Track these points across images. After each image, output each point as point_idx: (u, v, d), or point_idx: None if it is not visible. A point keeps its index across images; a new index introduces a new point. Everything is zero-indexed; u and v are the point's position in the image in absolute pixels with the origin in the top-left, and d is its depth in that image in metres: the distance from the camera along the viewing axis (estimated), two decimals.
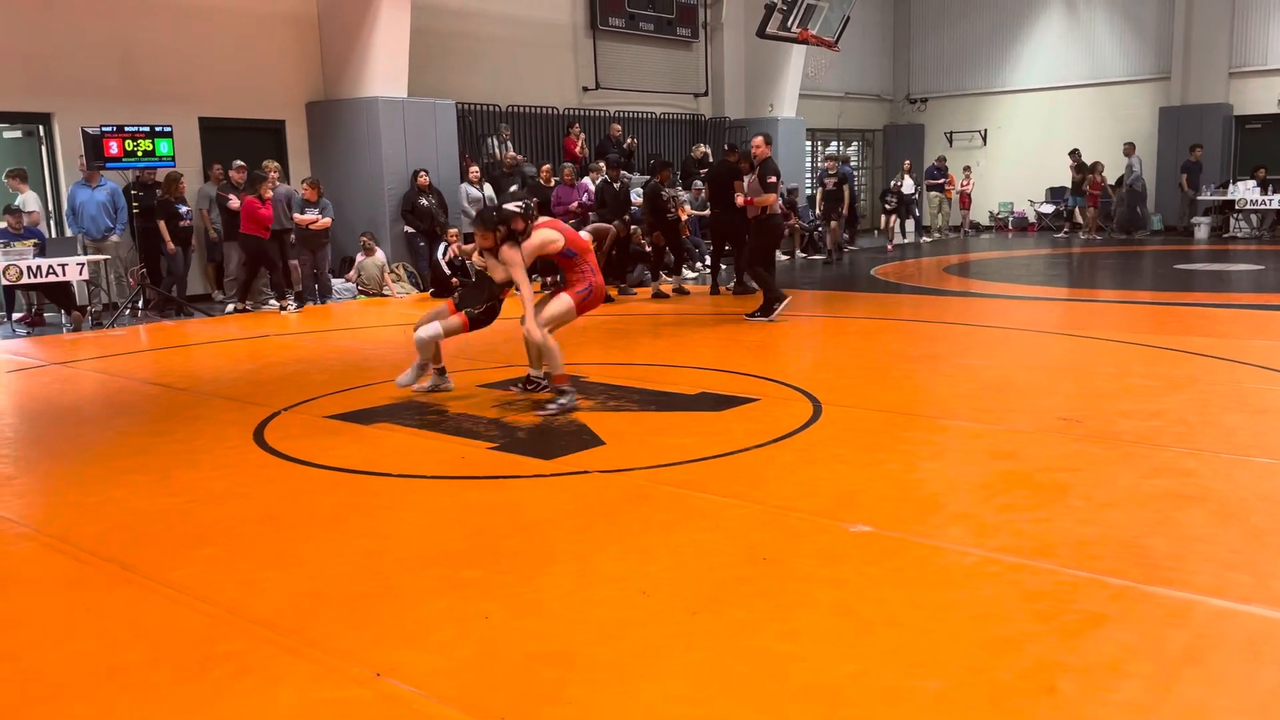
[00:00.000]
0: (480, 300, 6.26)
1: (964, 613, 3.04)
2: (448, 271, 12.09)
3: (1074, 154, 19.17)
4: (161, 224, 10.87)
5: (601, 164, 13.38)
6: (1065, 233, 19.65)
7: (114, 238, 11.07)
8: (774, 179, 9.47)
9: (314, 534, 3.96)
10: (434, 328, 6.21)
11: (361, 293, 12.60)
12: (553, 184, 13.09)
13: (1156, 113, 19.69)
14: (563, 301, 5.96)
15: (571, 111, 16.34)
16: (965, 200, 20.73)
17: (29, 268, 9.74)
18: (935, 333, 8.72)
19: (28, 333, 10.21)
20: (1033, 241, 18.94)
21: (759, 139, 9.86)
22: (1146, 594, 3.15)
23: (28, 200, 10.93)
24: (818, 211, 16.68)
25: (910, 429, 5.33)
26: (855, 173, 20.02)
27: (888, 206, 18.69)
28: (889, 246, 17.93)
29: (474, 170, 13.51)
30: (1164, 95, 19.71)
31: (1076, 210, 19.56)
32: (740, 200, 9.72)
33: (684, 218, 12.77)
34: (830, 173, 15.72)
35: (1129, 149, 18.61)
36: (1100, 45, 20.53)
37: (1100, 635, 2.87)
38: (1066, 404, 5.76)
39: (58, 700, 2.69)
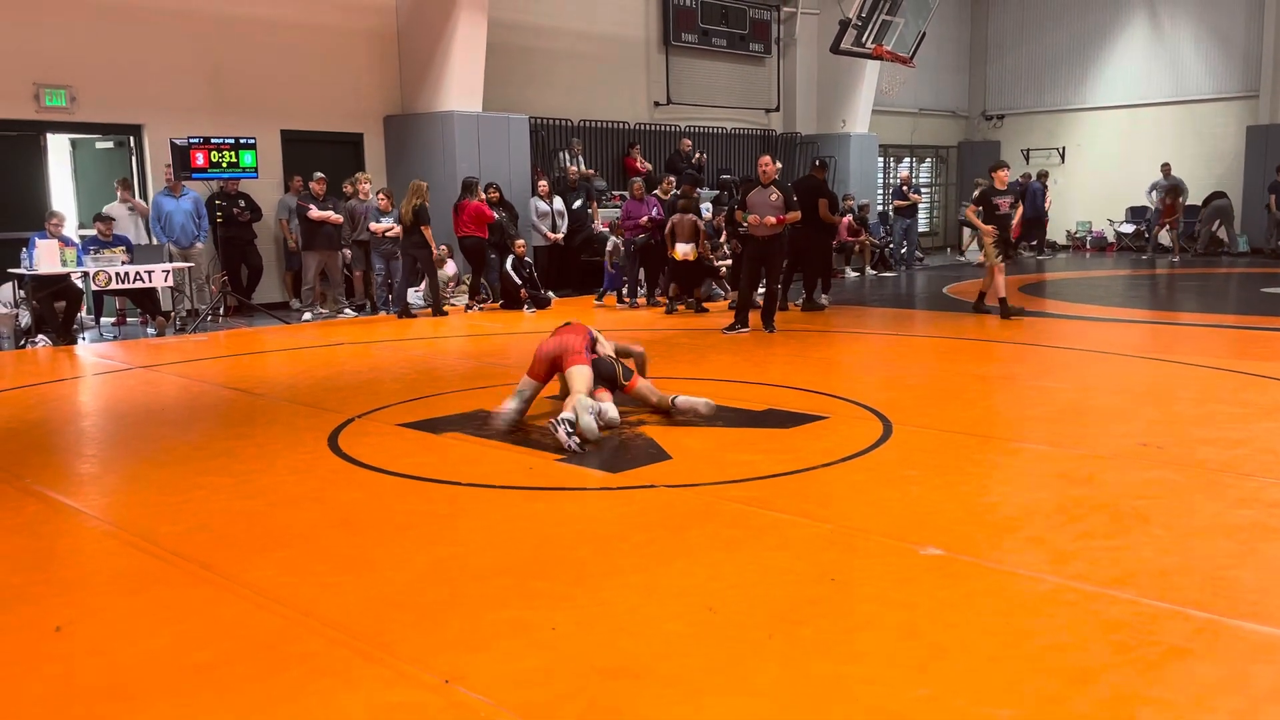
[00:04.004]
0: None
1: (1039, 640, 2.98)
2: (518, 281, 12.22)
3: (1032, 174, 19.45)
4: (426, 229, 11.43)
5: (671, 178, 13.36)
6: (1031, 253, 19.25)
7: (199, 245, 11.51)
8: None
9: (386, 540, 4.03)
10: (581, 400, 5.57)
11: None
12: (668, 198, 12.55)
13: (1244, 131, 19.12)
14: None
15: (642, 126, 16.43)
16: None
17: (117, 274, 10.10)
18: (1008, 353, 8.56)
19: (114, 336, 10.57)
20: (1111, 262, 18.50)
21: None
22: (1231, 627, 3.05)
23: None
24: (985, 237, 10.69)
25: (983, 451, 5.24)
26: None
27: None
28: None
29: (543, 185, 13.65)
30: (1252, 114, 19.13)
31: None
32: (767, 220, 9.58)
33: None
34: (1001, 189, 10.64)
35: (1165, 170, 18.37)
36: (1185, 62, 20.00)
37: (1182, 668, 2.79)
38: (1146, 429, 5.61)
39: (139, 695, 2.77)
